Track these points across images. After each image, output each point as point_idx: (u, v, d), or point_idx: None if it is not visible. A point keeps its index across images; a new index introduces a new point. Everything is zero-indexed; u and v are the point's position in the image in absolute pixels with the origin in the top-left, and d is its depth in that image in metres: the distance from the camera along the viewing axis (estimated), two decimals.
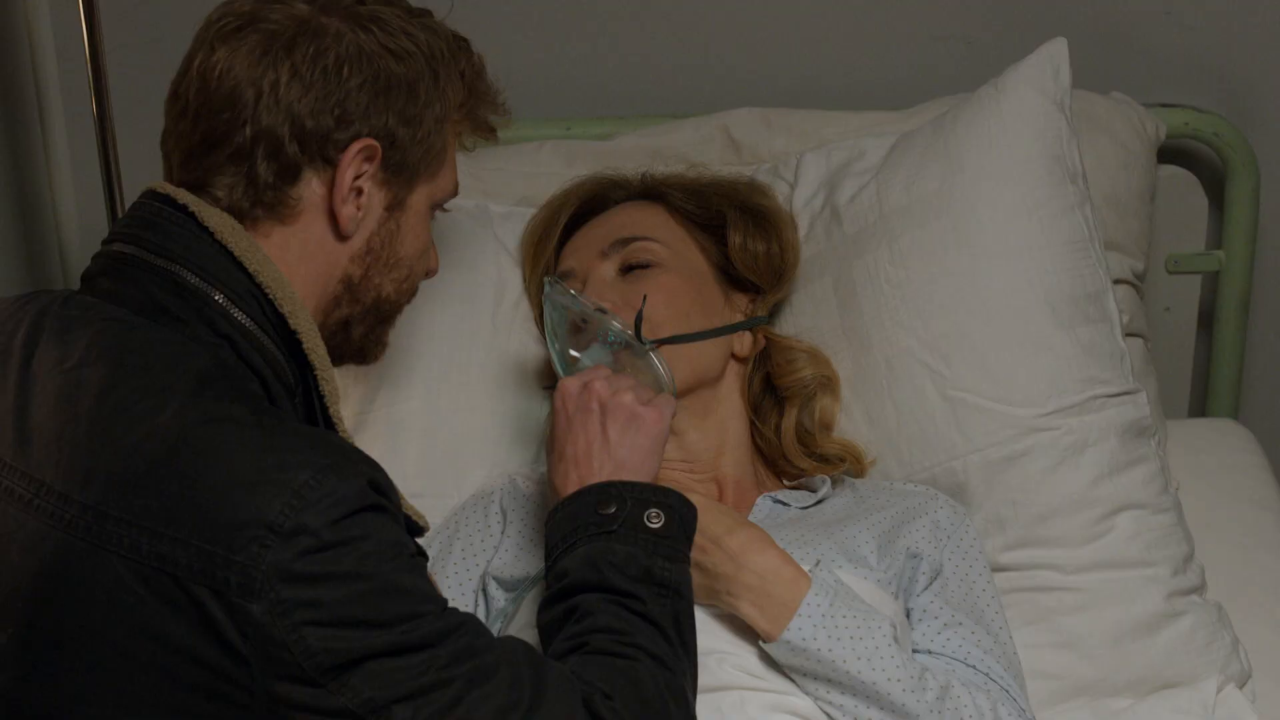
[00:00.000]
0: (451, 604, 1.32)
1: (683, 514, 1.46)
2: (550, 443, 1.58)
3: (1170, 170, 2.23)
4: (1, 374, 1.37)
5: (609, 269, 1.79)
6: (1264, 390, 2.40)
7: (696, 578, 1.51)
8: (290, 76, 1.43)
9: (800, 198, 1.97)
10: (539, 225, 1.92)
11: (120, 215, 2.10)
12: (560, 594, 1.43)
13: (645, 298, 1.72)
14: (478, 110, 1.58)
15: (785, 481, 1.84)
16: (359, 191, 1.46)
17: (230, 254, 1.41)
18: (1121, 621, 1.73)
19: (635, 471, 1.51)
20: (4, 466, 1.32)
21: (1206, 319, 2.32)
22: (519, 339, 1.92)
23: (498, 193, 2.07)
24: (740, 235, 1.84)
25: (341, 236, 1.47)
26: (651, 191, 1.89)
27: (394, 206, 1.50)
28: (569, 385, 1.57)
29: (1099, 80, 2.13)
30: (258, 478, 1.24)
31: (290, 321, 1.42)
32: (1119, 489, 1.75)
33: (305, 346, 1.43)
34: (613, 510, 1.45)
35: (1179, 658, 1.72)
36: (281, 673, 1.23)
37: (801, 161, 2.01)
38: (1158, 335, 2.24)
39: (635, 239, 1.79)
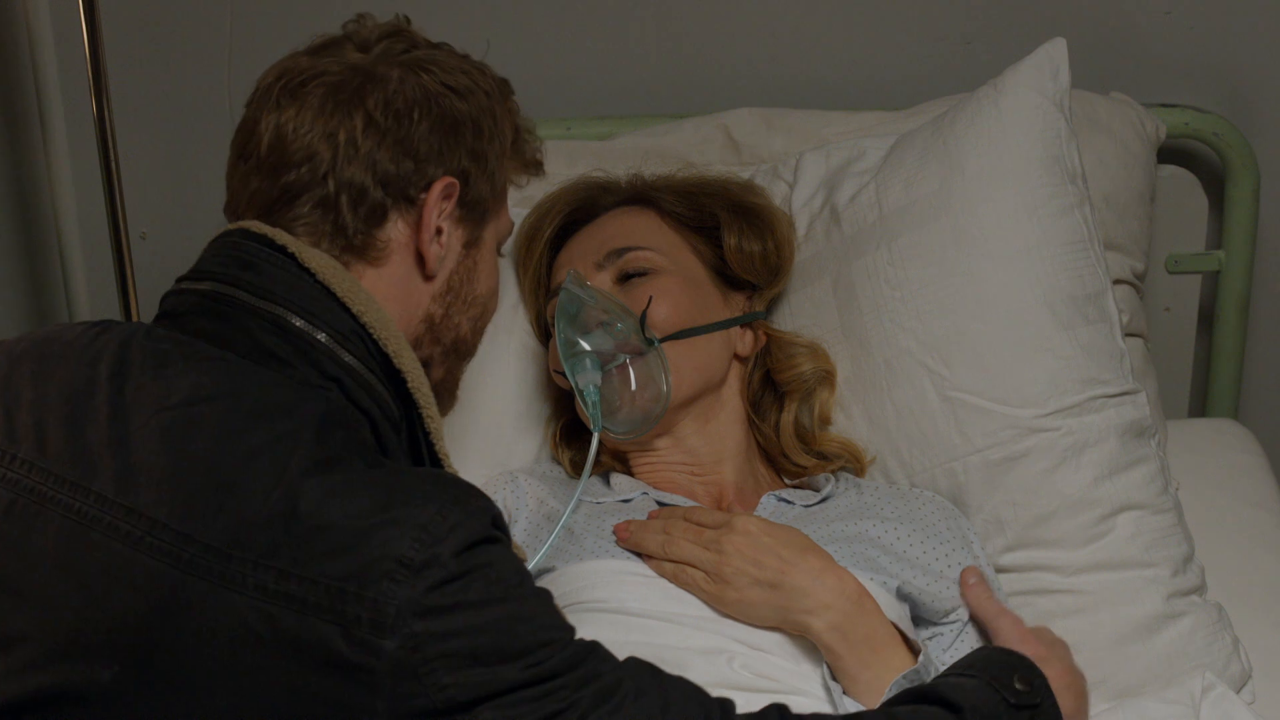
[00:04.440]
0: None
1: None
2: None
3: (1170, 170, 2.23)
4: (88, 404, 1.35)
5: (605, 279, 1.79)
6: (1264, 390, 2.40)
7: (766, 595, 1.53)
8: (365, 125, 1.46)
9: (799, 198, 1.97)
10: (528, 232, 1.91)
11: (125, 224, 2.11)
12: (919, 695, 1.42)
13: (651, 299, 1.73)
14: (524, 147, 1.62)
15: (786, 480, 1.85)
16: (439, 230, 1.49)
17: (333, 295, 1.41)
18: (1121, 623, 1.73)
19: None
20: (105, 502, 1.29)
21: (1206, 319, 2.31)
22: (519, 339, 1.92)
23: None
24: (735, 236, 1.84)
25: (427, 276, 1.49)
26: (642, 196, 1.89)
27: (470, 244, 1.53)
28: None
29: (1099, 80, 2.13)
30: (384, 516, 1.24)
31: (395, 361, 1.43)
32: (1119, 490, 1.75)
33: (410, 385, 1.44)
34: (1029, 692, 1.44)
35: (1179, 659, 1.72)
36: (411, 708, 1.21)
37: (801, 161, 2.01)
38: (1158, 335, 2.24)
39: (629, 249, 1.79)
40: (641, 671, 1.32)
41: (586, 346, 1.70)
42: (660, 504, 1.73)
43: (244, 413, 1.31)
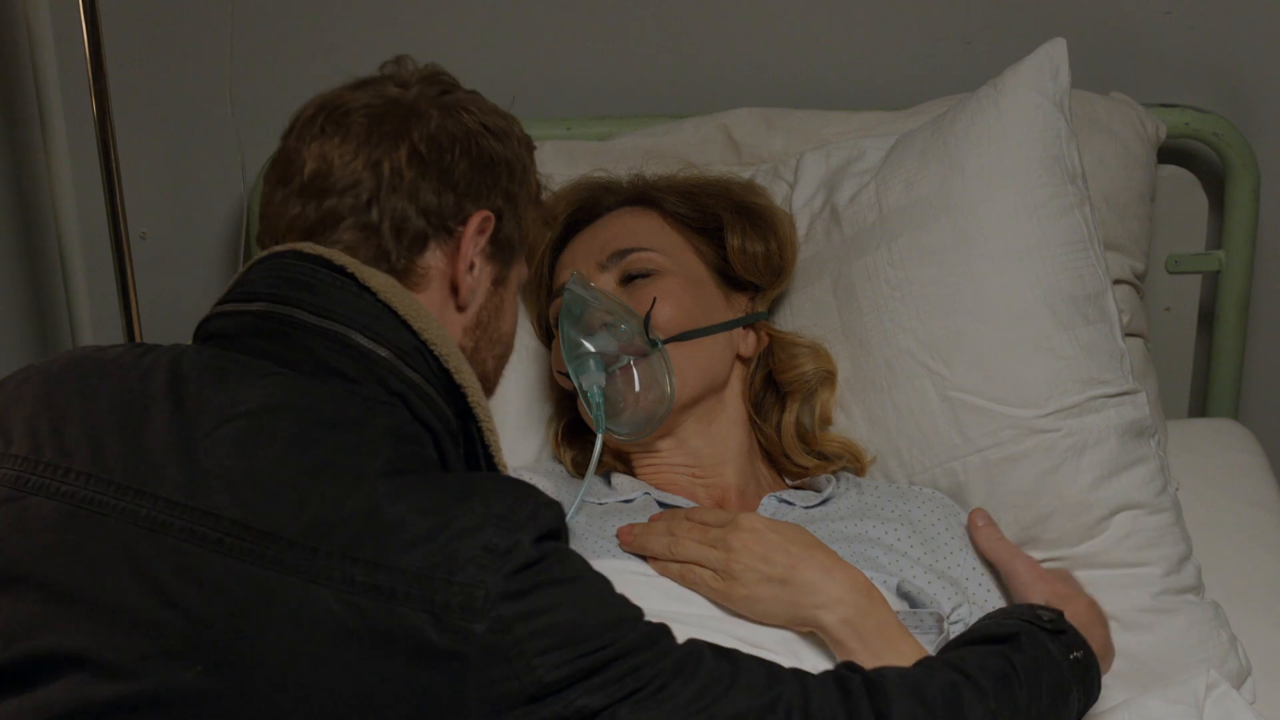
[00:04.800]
0: None
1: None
2: None
3: (1170, 170, 2.23)
4: (145, 416, 1.35)
5: (608, 280, 1.79)
6: (1264, 390, 2.40)
7: (777, 592, 1.54)
8: (409, 156, 1.49)
9: (800, 198, 1.97)
10: None
11: (125, 224, 2.11)
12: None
13: (655, 300, 1.74)
14: (544, 201, 1.66)
15: (788, 481, 1.85)
16: (472, 264, 1.51)
17: (394, 313, 1.44)
18: (1112, 618, 1.72)
19: None
20: (175, 507, 1.29)
21: (1206, 319, 2.31)
22: (520, 340, 1.91)
23: None
24: (738, 238, 1.84)
25: (459, 307, 1.52)
26: (644, 196, 1.89)
27: (499, 281, 1.56)
28: None
29: (1099, 80, 2.13)
30: (464, 508, 1.27)
31: (455, 376, 1.45)
32: (1118, 490, 1.75)
33: (470, 399, 1.47)
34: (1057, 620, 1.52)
35: (1171, 655, 1.72)
36: (502, 693, 1.23)
37: (801, 161, 2.01)
38: (1158, 335, 2.24)
39: (632, 250, 1.80)
40: (705, 648, 1.35)
41: (590, 348, 1.71)
42: (662, 505, 1.73)
43: (315, 424, 1.33)
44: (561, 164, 2.08)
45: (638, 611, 1.33)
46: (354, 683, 1.23)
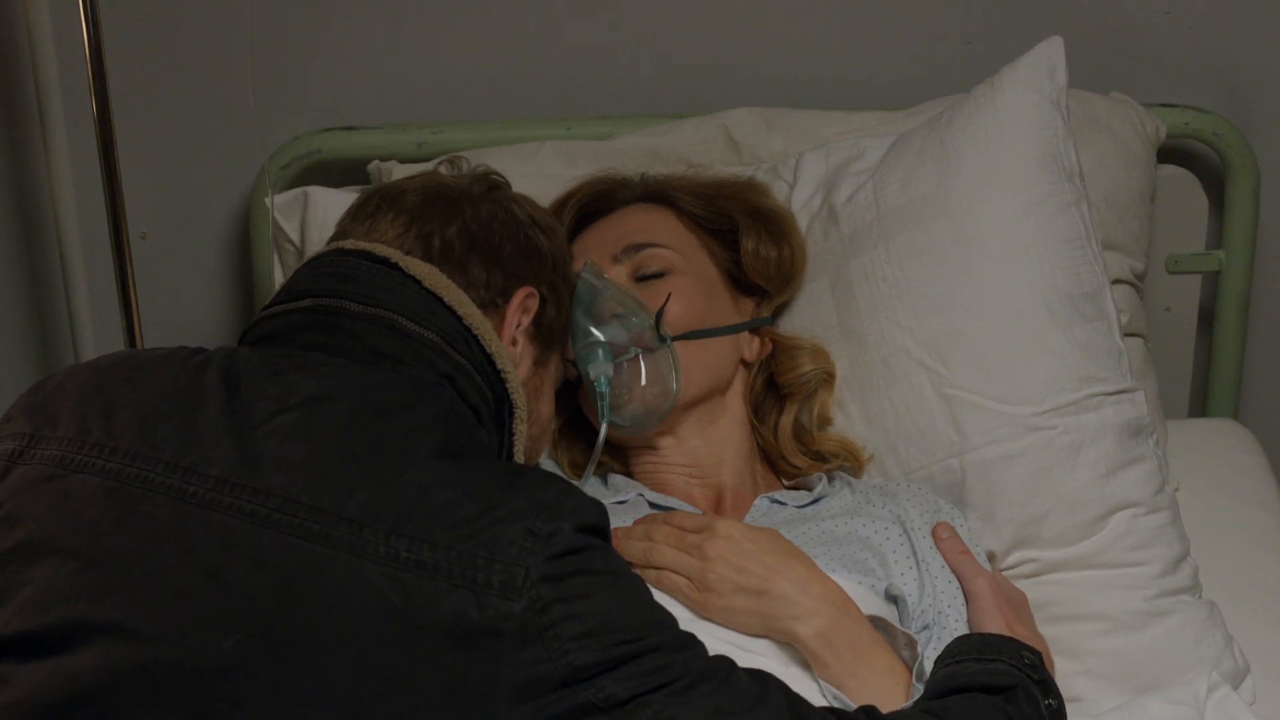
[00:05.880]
0: None
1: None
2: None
3: (1170, 170, 2.23)
4: (199, 403, 1.37)
5: (620, 273, 1.79)
6: (1264, 390, 2.40)
7: (750, 603, 1.54)
8: (459, 232, 1.56)
9: (799, 198, 1.97)
10: None
11: (125, 224, 2.11)
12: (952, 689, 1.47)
13: (670, 296, 1.74)
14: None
15: (785, 482, 1.85)
16: (514, 341, 1.57)
17: (439, 299, 1.48)
18: (1106, 618, 1.72)
19: None
20: (226, 484, 1.32)
21: (1206, 319, 2.31)
22: None
23: None
24: (753, 241, 1.85)
25: None
26: (659, 194, 1.89)
27: (539, 363, 1.62)
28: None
29: (1099, 80, 2.13)
30: (510, 494, 1.30)
31: (496, 361, 1.50)
32: (1116, 488, 1.75)
33: (509, 386, 1.51)
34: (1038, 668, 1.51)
35: (1166, 655, 1.71)
36: (533, 676, 1.25)
37: (801, 161, 2.01)
38: (1158, 335, 2.24)
39: (648, 245, 1.80)
40: (736, 664, 1.36)
41: (601, 337, 1.71)
42: (654, 506, 1.73)
43: (369, 410, 1.36)
44: (561, 164, 2.08)
45: (672, 618, 1.34)
46: (390, 659, 1.25)
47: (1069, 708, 1.68)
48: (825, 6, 2.26)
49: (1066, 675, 1.71)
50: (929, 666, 1.54)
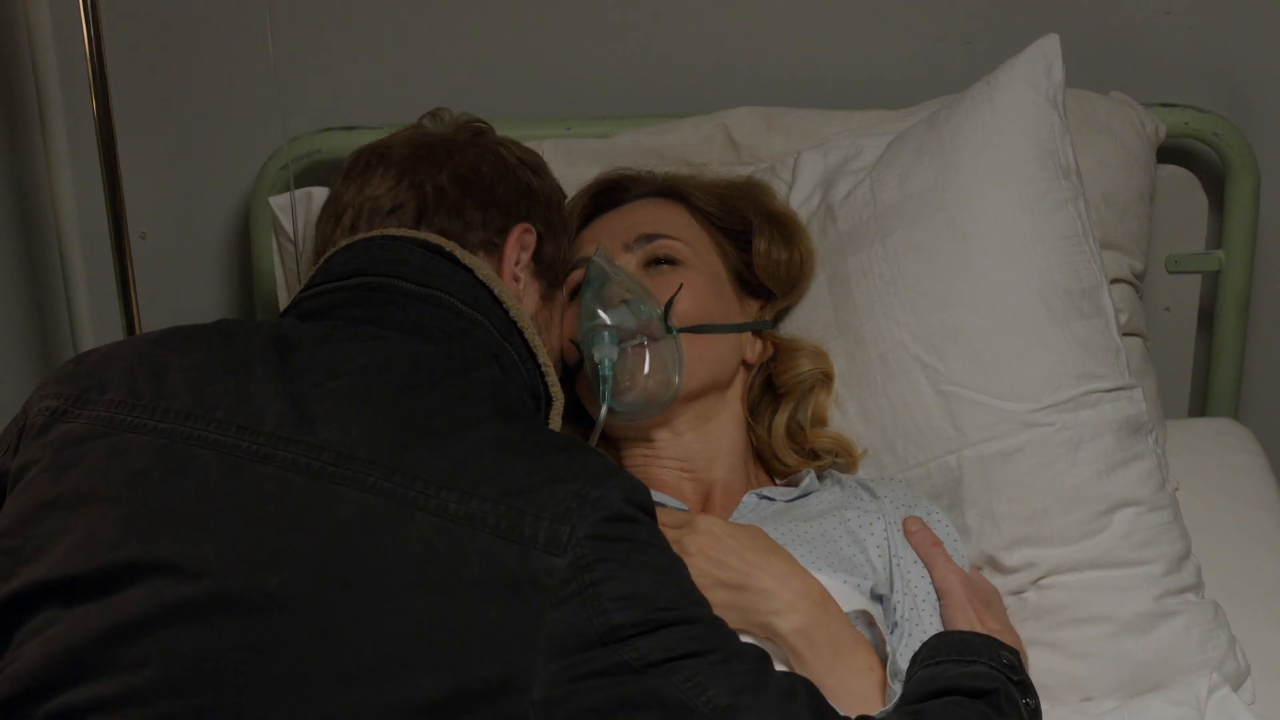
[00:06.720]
0: None
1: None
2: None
3: (1170, 170, 2.23)
4: (250, 369, 1.40)
5: (631, 262, 1.80)
6: (1264, 390, 2.40)
7: (730, 598, 1.54)
8: (451, 178, 1.60)
9: (797, 196, 1.97)
10: None
11: (125, 224, 2.11)
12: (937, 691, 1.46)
13: (681, 286, 1.75)
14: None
15: (777, 480, 1.85)
16: (516, 279, 1.60)
17: (489, 290, 1.53)
18: (1113, 620, 1.72)
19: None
20: (280, 440, 1.34)
21: (1206, 319, 2.31)
22: None
23: None
24: (766, 243, 1.85)
25: None
26: (674, 190, 1.89)
27: (546, 298, 1.65)
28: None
29: (1099, 80, 2.13)
30: (561, 459, 1.33)
31: (538, 356, 1.53)
32: (1114, 486, 1.75)
33: (548, 380, 1.56)
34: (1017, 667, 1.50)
35: (1172, 657, 1.71)
36: (571, 634, 1.26)
37: (799, 160, 2.01)
38: (1157, 335, 2.24)
39: (660, 236, 1.81)
40: (770, 656, 1.37)
41: (608, 320, 1.71)
42: None
43: (422, 376, 1.40)
44: (561, 164, 2.08)
45: (708, 603, 1.35)
46: (433, 607, 1.27)
47: (1072, 709, 1.69)
48: (825, 6, 2.26)
49: (1069, 675, 1.71)
50: (903, 664, 1.54)
